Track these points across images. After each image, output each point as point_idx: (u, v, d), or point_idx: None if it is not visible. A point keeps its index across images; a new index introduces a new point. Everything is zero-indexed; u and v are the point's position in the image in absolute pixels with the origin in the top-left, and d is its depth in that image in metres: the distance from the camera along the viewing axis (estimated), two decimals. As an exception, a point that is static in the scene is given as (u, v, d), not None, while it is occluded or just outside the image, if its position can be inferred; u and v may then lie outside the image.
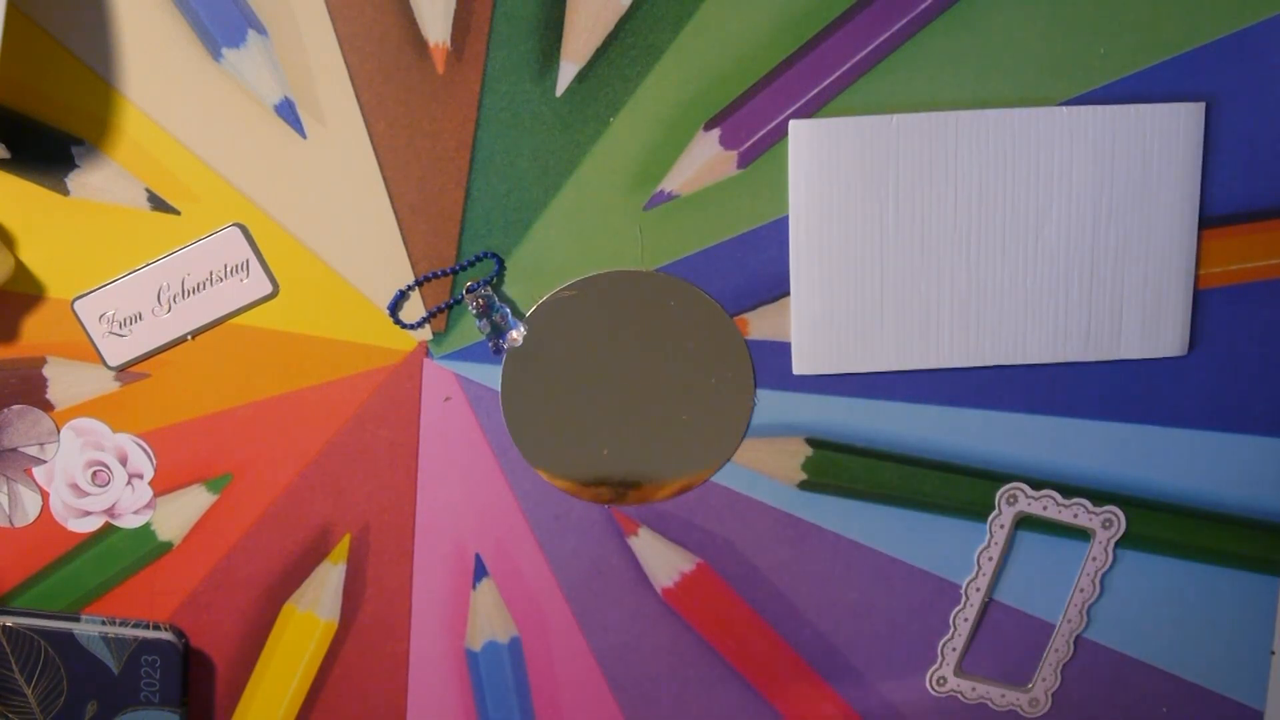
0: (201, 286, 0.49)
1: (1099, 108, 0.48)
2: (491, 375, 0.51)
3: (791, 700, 0.54)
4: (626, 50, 0.48)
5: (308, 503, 0.51)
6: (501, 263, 0.49)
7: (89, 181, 0.48)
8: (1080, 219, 0.49)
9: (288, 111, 0.48)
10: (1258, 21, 0.48)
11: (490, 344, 0.50)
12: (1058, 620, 0.53)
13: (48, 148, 0.48)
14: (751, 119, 0.48)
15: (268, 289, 0.50)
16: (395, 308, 0.50)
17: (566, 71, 0.48)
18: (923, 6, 0.47)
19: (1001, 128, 0.48)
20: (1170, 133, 0.48)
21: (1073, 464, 0.51)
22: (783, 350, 0.50)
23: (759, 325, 0.50)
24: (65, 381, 0.50)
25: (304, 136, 0.48)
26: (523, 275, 0.50)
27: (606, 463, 0.51)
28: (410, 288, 0.50)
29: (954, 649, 0.53)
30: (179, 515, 0.51)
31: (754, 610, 0.53)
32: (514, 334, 0.50)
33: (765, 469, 0.51)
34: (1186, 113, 0.48)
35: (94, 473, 0.51)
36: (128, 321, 0.49)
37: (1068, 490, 0.52)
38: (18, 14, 0.47)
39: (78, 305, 0.49)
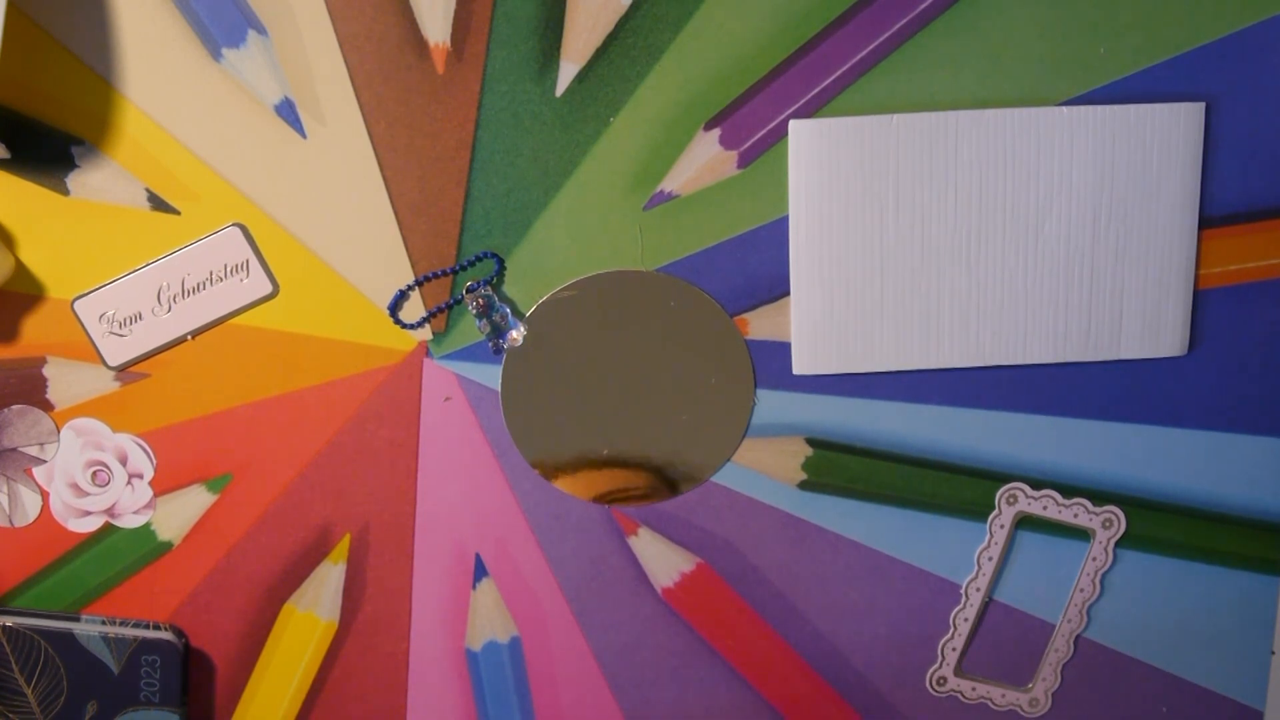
0: (201, 286, 0.49)
1: (1099, 108, 0.48)
2: (491, 375, 0.51)
3: (791, 700, 0.54)
4: (626, 50, 0.48)
5: (308, 503, 0.52)
6: (501, 263, 0.49)
7: (89, 181, 0.48)
8: (1080, 219, 0.49)
9: (288, 111, 0.48)
10: (1258, 21, 0.48)
11: (490, 344, 0.50)
12: (1058, 620, 0.53)
13: (48, 148, 0.48)
14: (751, 119, 0.48)
15: (268, 289, 0.50)
16: (395, 308, 0.50)
17: (566, 71, 0.48)
18: (923, 6, 0.47)
19: (1001, 128, 0.48)
20: (1170, 133, 0.48)
21: (1073, 464, 0.51)
22: (783, 350, 0.50)
23: (759, 325, 0.50)
24: (65, 381, 0.50)
25: (304, 136, 0.48)
26: (523, 275, 0.50)
27: (607, 462, 0.51)
28: (410, 288, 0.50)
29: (954, 649, 0.53)
30: (179, 515, 0.51)
31: (754, 610, 0.53)
32: (514, 334, 0.50)
33: (765, 469, 0.51)
34: (1186, 113, 0.48)
35: (94, 473, 0.51)
36: (128, 321, 0.49)
37: (1068, 490, 0.52)
38: (18, 14, 0.47)
39: (78, 305, 0.49)
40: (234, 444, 0.51)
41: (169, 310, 0.49)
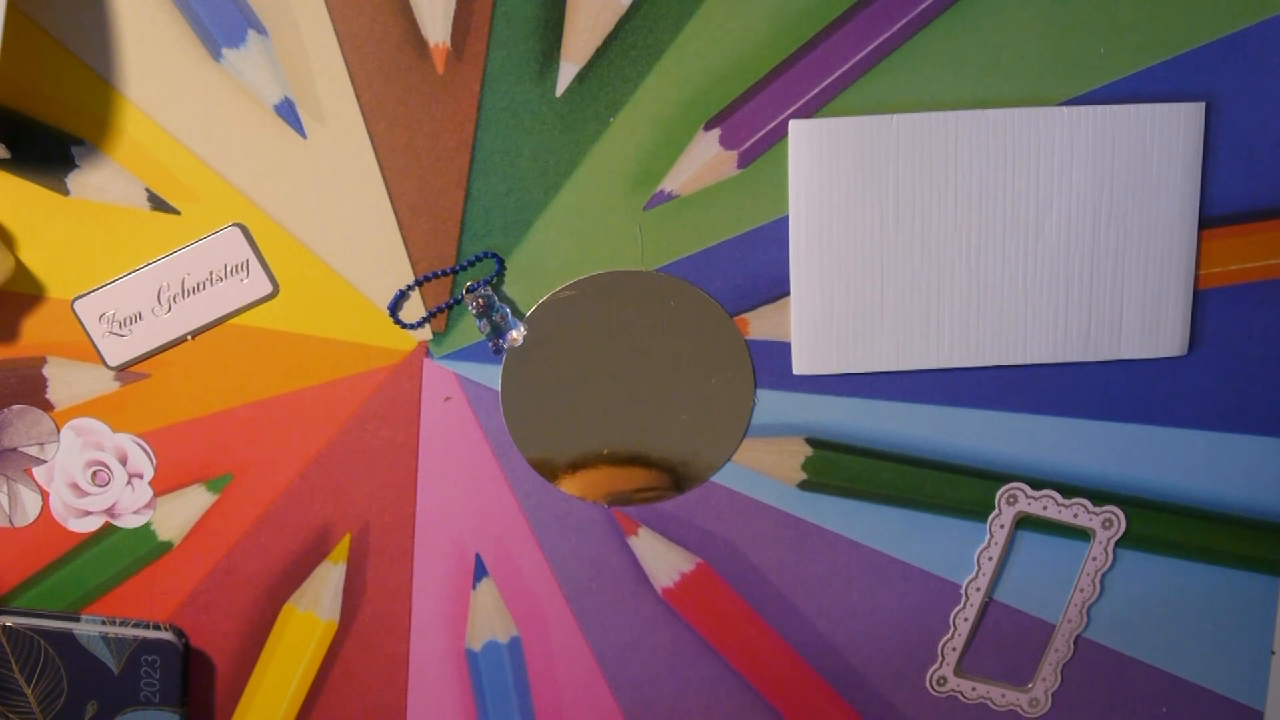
0: (201, 286, 0.49)
1: (1099, 108, 0.48)
2: (491, 375, 0.51)
3: (791, 700, 0.54)
4: (626, 50, 0.48)
5: (308, 503, 0.52)
6: (501, 263, 0.49)
7: (89, 181, 0.48)
8: (1080, 219, 0.49)
9: (288, 111, 0.48)
10: (1258, 21, 0.48)
11: (490, 344, 0.50)
12: (1058, 620, 0.53)
13: (48, 148, 0.48)
14: (751, 119, 0.48)
15: (268, 289, 0.50)
16: (395, 308, 0.50)
17: (566, 71, 0.48)
18: (923, 6, 0.47)
19: (1001, 128, 0.48)
20: (1170, 133, 0.48)
21: (1073, 464, 0.51)
22: (783, 350, 0.50)
23: (759, 325, 0.50)
24: (65, 381, 0.50)
25: (304, 136, 0.48)
26: (523, 275, 0.50)
27: (607, 462, 0.51)
28: (410, 288, 0.50)
29: (954, 649, 0.53)
30: (179, 515, 0.51)
31: (754, 610, 0.53)
32: (514, 334, 0.50)
33: (765, 469, 0.51)
34: (1186, 113, 0.48)
35: (94, 473, 0.51)
36: (128, 321, 0.49)
37: (1068, 490, 0.52)
38: (18, 14, 0.47)
39: (78, 305, 0.49)
40: (234, 444, 0.51)
41: (169, 310, 0.49)
